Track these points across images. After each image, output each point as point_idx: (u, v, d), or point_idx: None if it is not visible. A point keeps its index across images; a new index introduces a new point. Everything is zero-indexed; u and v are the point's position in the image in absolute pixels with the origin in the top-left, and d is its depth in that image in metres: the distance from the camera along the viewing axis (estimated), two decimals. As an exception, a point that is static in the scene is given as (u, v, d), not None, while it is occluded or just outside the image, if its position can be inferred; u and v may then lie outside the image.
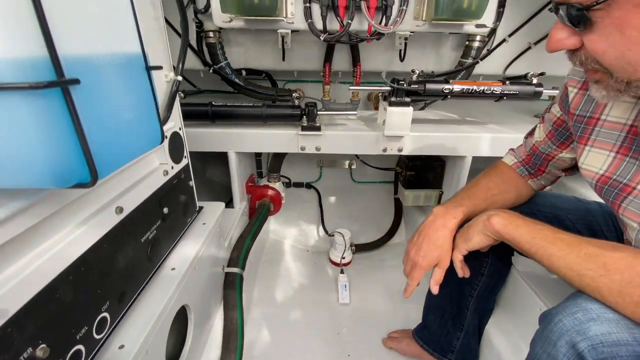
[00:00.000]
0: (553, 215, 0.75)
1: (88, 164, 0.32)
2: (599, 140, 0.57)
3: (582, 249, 0.49)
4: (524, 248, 0.56)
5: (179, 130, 0.78)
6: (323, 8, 1.06)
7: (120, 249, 0.57)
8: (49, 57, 0.27)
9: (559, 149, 0.71)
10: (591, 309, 0.45)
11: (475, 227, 0.64)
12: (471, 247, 0.65)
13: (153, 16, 0.66)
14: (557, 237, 0.53)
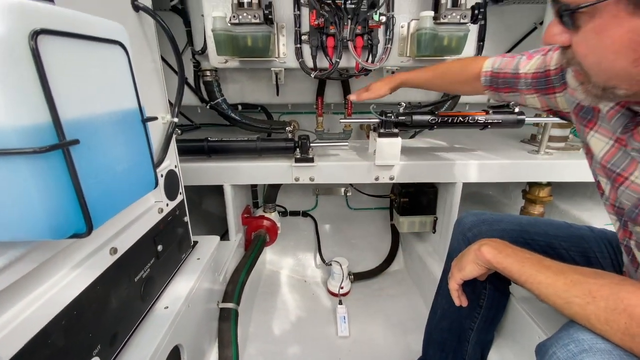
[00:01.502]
0: (547, 244, 0.76)
1: (84, 215, 0.34)
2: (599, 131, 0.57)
3: (568, 276, 0.50)
4: (514, 277, 0.57)
5: (175, 167, 0.81)
6: (313, 48, 1.13)
7: (114, 290, 0.58)
8: (52, 122, 0.30)
9: (527, 90, 0.72)
10: (583, 339, 0.45)
11: (467, 256, 0.66)
12: (465, 277, 0.66)
13: (150, 59, 0.71)
14: (543, 265, 0.54)
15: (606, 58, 0.39)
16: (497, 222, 0.81)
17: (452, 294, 0.71)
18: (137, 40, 0.66)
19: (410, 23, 1.15)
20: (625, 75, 0.39)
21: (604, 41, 0.38)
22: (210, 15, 1.09)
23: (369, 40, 1.12)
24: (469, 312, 0.84)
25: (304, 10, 1.13)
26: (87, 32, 0.35)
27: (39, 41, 0.29)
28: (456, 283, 0.68)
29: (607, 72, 0.41)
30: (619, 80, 0.40)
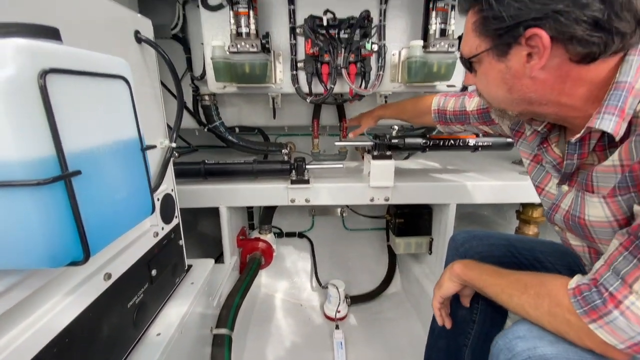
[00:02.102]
0: (534, 258, 0.81)
1: (82, 244, 0.35)
2: (522, 149, 0.71)
3: (514, 277, 0.59)
4: (476, 285, 0.65)
5: (171, 191, 0.81)
6: (308, 75, 1.18)
7: (106, 316, 0.57)
8: (56, 155, 0.32)
9: (477, 122, 0.88)
10: (520, 328, 0.53)
11: (444, 275, 0.74)
12: (443, 294, 0.74)
13: (150, 86, 0.73)
14: (499, 273, 0.63)
15: (492, 90, 0.55)
16: (487, 238, 0.87)
17: (435, 312, 0.78)
18: (139, 69, 0.69)
19: (401, 51, 1.21)
20: (507, 100, 0.54)
21: (488, 79, 0.54)
22: (209, 43, 1.14)
23: (362, 67, 1.17)
24: (463, 329, 0.84)
25: (299, 40, 1.19)
26: (93, 69, 0.38)
27: (48, 79, 0.31)
28: (437, 302, 0.76)
29: (496, 99, 0.56)
30: (505, 104, 0.55)
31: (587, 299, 0.45)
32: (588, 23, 0.41)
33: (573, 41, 0.42)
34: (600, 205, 0.50)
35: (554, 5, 0.41)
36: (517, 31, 0.45)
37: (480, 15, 0.49)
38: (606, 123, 0.45)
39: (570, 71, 0.45)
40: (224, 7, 1.15)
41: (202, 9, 1.17)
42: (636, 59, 0.44)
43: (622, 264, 0.43)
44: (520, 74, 0.49)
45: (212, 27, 1.18)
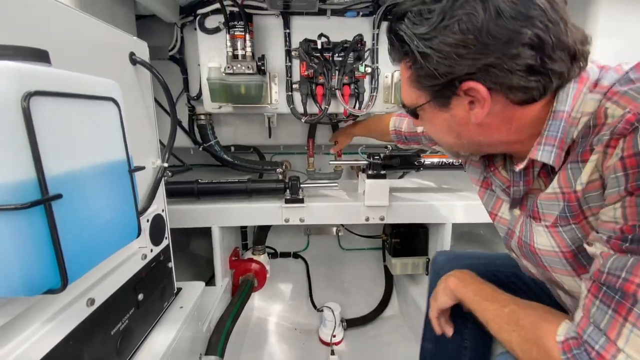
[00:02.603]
0: (512, 273, 0.80)
1: (60, 271, 0.33)
2: (470, 174, 0.69)
3: (508, 307, 0.53)
4: (468, 305, 0.61)
5: (162, 212, 0.80)
6: (303, 96, 1.20)
7: (88, 345, 0.54)
8: (37, 179, 0.31)
9: (429, 143, 0.90)
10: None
11: (439, 287, 0.71)
12: (440, 306, 0.70)
13: (143, 105, 0.74)
14: (494, 295, 0.58)
15: (441, 137, 0.55)
16: (466, 258, 0.88)
17: (432, 322, 0.73)
18: (133, 90, 0.70)
19: (394, 73, 1.24)
20: (457, 145, 0.55)
21: (435, 127, 0.55)
22: (206, 65, 1.16)
23: (355, 89, 1.19)
24: (456, 353, 0.82)
25: (294, 62, 1.21)
26: (80, 91, 0.37)
27: (32, 102, 0.30)
28: (435, 312, 0.72)
29: (446, 144, 0.57)
30: (456, 148, 0.56)
31: (577, 357, 0.41)
32: (522, 71, 0.41)
33: (512, 90, 0.42)
34: (546, 234, 0.49)
35: (484, 60, 0.41)
36: (453, 85, 0.44)
37: (412, 71, 0.48)
38: (546, 155, 0.45)
39: (514, 113, 0.45)
40: (220, 30, 1.18)
41: (200, 32, 1.19)
42: (572, 87, 0.43)
43: (599, 315, 0.39)
44: (465, 121, 0.48)
45: (208, 49, 1.20)
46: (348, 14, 1.20)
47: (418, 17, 0.43)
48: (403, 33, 0.45)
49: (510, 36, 0.39)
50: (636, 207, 0.36)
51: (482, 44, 0.40)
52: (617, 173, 0.37)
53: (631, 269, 0.36)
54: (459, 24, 0.40)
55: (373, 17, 1.19)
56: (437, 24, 0.42)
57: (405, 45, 0.46)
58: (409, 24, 0.44)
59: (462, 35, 0.41)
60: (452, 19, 0.41)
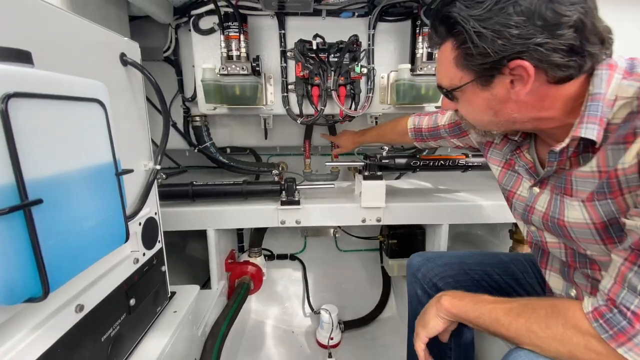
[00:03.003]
0: (483, 272, 0.85)
1: (41, 279, 0.32)
2: (492, 157, 0.74)
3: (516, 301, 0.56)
4: (470, 315, 0.60)
5: (155, 214, 0.79)
6: (299, 97, 1.19)
7: (76, 352, 0.53)
8: (16, 184, 0.30)
9: (449, 136, 0.92)
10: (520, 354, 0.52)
11: (429, 311, 0.67)
12: (430, 333, 0.66)
13: (135, 107, 0.72)
14: (495, 298, 0.59)
15: (477, 116, 0.59)
16: (439, 258, 0.91)
17: (419, 355, 0.69)
18: (124, 91, 0.68)
19: (390, 74, 1.23)
20: (492, 123, 0.58)
21: (473, 106, 0.57)
22: (200, 66, 1.15)
23: (351, 89, 1.18)
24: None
25: (290, 63, 1.20)
26: (63, 93, 0.36)
27: (10, 104, 0.29)
28: (422, 342, 0.68)
29: (482, 123, 0.60)
30: (490, 126, 0.59)
31: (611, 321, 0.43)
32: (565, 50, 0.45)
33: (553, 67, 0.46)
34: (580, 208, 0.53)
35: (534, 39, 0.44)
36: (501, 63, 0.48)
37: (461, 51, 0.51)
38: (590, 132, 0.48)
39: (548, 91, 0.50)
40: (215, 31, 1.17)
41: (194, 33, 1.18)
42: (604, 72, 0.48)
43: (636, 279, 0.42)
44: (505, 99, 0.52)
45: (203, 50, 1.19)
46: (343, 15, 1.19)
47: (471, 1, 0.47)
48: (457, 14, 0.49)
49: (558, 19, 0.44)
50: None
51: (534, 25, 0.44)
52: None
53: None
54: (514, 6, 0.45)
55: (369, 18, 1.18)
56: (492, 6, 0.46)
57: (458, 26, 0.49)
58: (463, 7, 0.48)
59: (516, 17, 0.44)
60: (507, 2, 0.45)
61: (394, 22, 1.21)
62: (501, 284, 0.84)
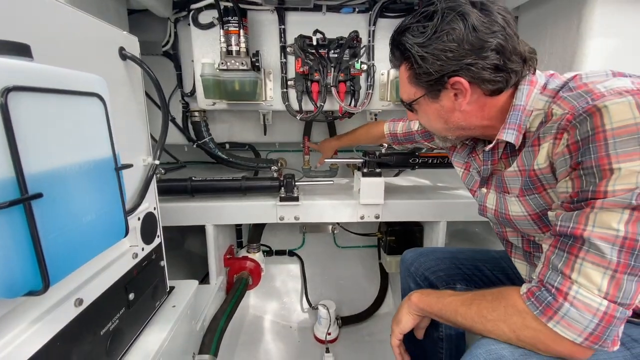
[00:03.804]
0: (475, 267, 0.90)
1: (41, 272, 0.32)
2: (456, 160, 0.83)
3: (471, 292, 0.62)
4: (434, 309, 0.65)
5: (154, 209, 0.79)
6: (298, 93, 1.18)
7: (76, 346, 0.53)
8: (16, 178, 0.29)
9: (422, 140, 1.02)
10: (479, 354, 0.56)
11: (402, 309, 0.72)
12: (403, 330, 0.72)
13: (135, 102, 0.72)
14: (455, 292, 0.65)
15: (433, 124, 0.68)
16: (432, 253, 0.95)
17: (394, 350, 0.76)
18: (123, 86, 0.68)
19: (390, 71, 1.23)
20: (445, 130, 0.67)
21: (428, 116, 0.67)
22: (199, 61, 1.15)
23: (351, 86, 1.18)
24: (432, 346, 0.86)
25: (289, 58, 1.20)
26: (63, 87, 0.36)
27: (10, 97, 0.29)
28: (397, 339, 0.74)
29: (437, 130, 0.69)
30: (444, 132, 0.68)
31: (540, 298, 0.50)
32: (491, 69, 0.56)
33: (484, 82, 0.57)
34: (517, 203, 0.62)
35: (464, 60, 0.55)
36: (443, 80, 0.58)
37: (412, 71, 0.62)
38: (509, 136, 0.60)
39: (486, 101, 0.60)
40: (214, 25, 1.16)
41: (193, 27, 1.18)
42: (525, 88, 0.58)
43: (557, 259, 0.50)
44: (451, 109, 0.62)
45: (202, 44, 1.19)
46: (344, 10, 1.19)
47: (416, 32, 0.58)
48: (406, 42, 0.60)
49: (482, 44, 0.55)
50: (578, 178, 0.48)
51: (462, 49, 0.55)
52: (564, 156, 0.50)
53: (576, 218, 0.48)
54: (447, 35, 0.55)
55: (369, 14, 1.18)
56: (431, 36, 0.56)
57: (407, 51, 0.60)
58: (410, 36, 0.59)
59: (449, 43, 0.55)
60: (441, 32, 0.56)
61: (394, 19, 1.21)
62: (491, 278, 0.88)
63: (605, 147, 0.45)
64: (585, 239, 0.47)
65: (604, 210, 0.46)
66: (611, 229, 0.45)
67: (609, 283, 0.46)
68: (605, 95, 0.47)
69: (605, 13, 0.93)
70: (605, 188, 0.45)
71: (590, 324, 0.46)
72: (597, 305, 0.46)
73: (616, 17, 0.94)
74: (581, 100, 0.50)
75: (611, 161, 0.45)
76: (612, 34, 0.94)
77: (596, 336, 0.47)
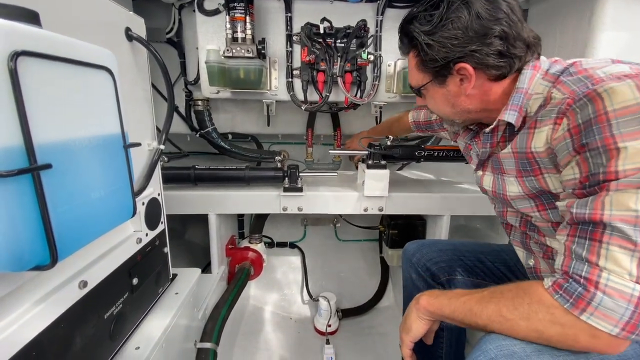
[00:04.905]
0: (476, 258, 0.90)
1: (49, 246, 0.31)
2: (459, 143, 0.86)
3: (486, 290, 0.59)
4: (445, 311, 0.62)
5: (158, 196, 0.78)
6: (304, 83, 1.17)
7: (80, 328, 0.53)
8: (24, 146, 0.29)
9: (439, 129, 1.03)
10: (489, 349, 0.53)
11: (410, 315, 0.67)
12: (414, 337, 0.67)
13: (141, 86, 0.71)
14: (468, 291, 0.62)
15: (440, 109, 0.71)
16: (434, 244, 0.96)
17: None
18: (129, 68, 0.67)
19: (397, 62, 1.21)
20: (452, 113, 0.69)
21: (435, 101, 0.70)
22: (204, 48, 1.13)
23: (357, 76, 1.17)
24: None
25: (295, 47, 1.18)
26: (72, 56, 0.35)
27: (19, 62, 0.28)
28: (408, 348, 0.68)
29: (444, 114, 0.71)
30: (452, 116, 0.70)
31: (569, 290, 0.48)
32: (495, 54, 0.58)
33: (488, 67, 0.59)
34: (516, 183, 0.64)
35: (469, 47, 0.58)
36: (449, 66, 0.61)
37: (419, 58, 0.65)
38: (510, 116, 0.61)
39: (491, 86, 0.62)
40: (220, 12, 1.14)
41: (198, 14, 1.16)
42: (528, 72, 0.59)
43: (579, 248, 0.48)
44: (457, 94, 0.65)
45: (207, 31, 1.17)
46: (352, -1, 1.17)
47: (423, 20, 0.61)
48: (412, 30, 0.62)
49: (486, 31, 0.57)
50: (585, 161, 0.48)
51: (467, 36, 0.57)
52: (565, 140, 0.50)
53: (592, 204, 0.47)
54: (452, 23, 0.58)
55: (377, 3, 1.16)
56: (437, 24, 0.59)
57: (415, 39, 0.62)
58: (417, 24, 0.62)
59: (454, 31, 0.58)
60: (447, 20, 0.58)
61: (403, 9, 1.19)
62: (493, 270, 0.88)
63: (609, 128, 0.45)
64: (606, 223, 0.45)
65: (619, 192, 0.45)
66: (630, 210, 0.44)
67: (638, 266, 0.44)
68: (605, 80, 0.48)
69: (617, 6, 0.92)
70: (615, 168, 0.45)
71: (627, 312, 0.44)
72: (631, 291, 0.44)
73: (628, 10, 0.93)
74: (581, 84, 0.50)
75: (616, 140, 0.44)
76: (623, 28, 0.93)
77: (633, 324, 0.44)
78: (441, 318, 0.64)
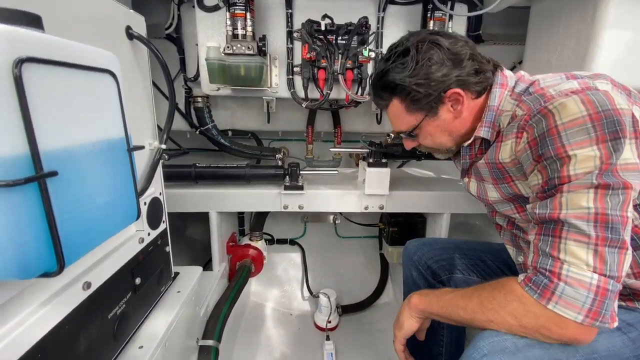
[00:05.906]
0: (477, 257, 0.93)
1: (56, 253, 0.31)
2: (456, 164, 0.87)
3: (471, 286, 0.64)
4: (434, 308, 0.67)
5: (159, 195, 0.78)
6: (304, 80, 1.16)
7: (84, 328, 0.53)
8: (30, 154, 0.28)
9: None
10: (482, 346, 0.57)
11: (402, 314, 0.73)
12: (406, 334, 0.72)
13: (141, 85, 0.70)
14: (455, 289, 0.67)
15: (437, 141, 0.74)
16: (435, 243, 0.98)
17: (399, 356, 0.76)
18: (130, 67, 0.66)
19: (398, 59, 1.20)
20: (450, 141, 0.73)
21: (432, 135, 0.73)
22: (204, 44, 1.12)
23: (358, 74, 1.16)
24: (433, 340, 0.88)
25: (296, 44, 1.17)
26: (77, 61, 0.35)
27: (24, 69, 0.28)
28: (400, 344, 0.74)
29: (442, 145, 0.75)
30: (450, 144, 0.74)
31: (536, 282, 0.53)
32: (473, 73, 0.65)
33: (472, 85, 0.66)
34: (493, 189, 0.70)
35: (452, 73, 0.64)
36: (440, 96, 0.66)
37: (407, 101, 0.68)
38: (485, 132, 0.67)
39: (475, 104, 0.68)
40: (220, 8, 1.13)
41: (198, 10, 1.14)
42: (497, 90, 0.66)
43: (544, 245, 0.54)
44: (452, 120, 0.69)
45: (207, 28, 1.15)
46: (353, -4, 1.16)
47: (398, 69, 0.66)
48: (394, 80, 0.66)
49: (459, 57, 0.64)
50: (544, 169, 0.55)
51: (446, 66, 0.64)
52: (526, 152, 0.57)
53: (551, 204, 0.53)
54: (429, 61, 0.64)
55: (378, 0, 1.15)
56: (414, 66, 0.64)
57: (399, 86, 0.67)
58: (395, 74, 0.66)
59: (434, 66, 0.64)
60: (423, 60, 0.64)
61: (404, 6, 1.18)
62: (493, 269, 0.91)
63: (559, 139, 0.52)
64: (563, 220, 0.52)
65: (571, 192, 0.51)
66: (582, 208, 0.50)
67: (594, 257, 0.50)
68: (555, 97, 0.55)
69: (621, 4, 0.91)
70: (568, 173, 0.51)
71: (587, 299, 0.49)
72: (589, 280, 0.49)
73: (632, 7, 0.92)
74: (536, 103, 0.57)
75: (567, 149, 0.51)
76: (626, 25, 0.93)
77: (595, 312, 0.49)
78: (432, 315, 0.69)
